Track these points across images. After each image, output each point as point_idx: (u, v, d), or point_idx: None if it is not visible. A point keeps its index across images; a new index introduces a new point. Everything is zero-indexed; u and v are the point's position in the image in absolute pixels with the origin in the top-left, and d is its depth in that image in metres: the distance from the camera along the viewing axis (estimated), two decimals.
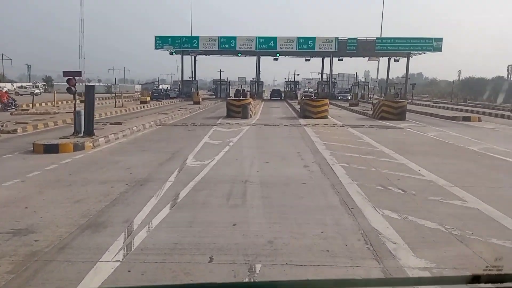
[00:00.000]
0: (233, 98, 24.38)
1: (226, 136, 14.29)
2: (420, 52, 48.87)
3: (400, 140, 14.13)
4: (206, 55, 56.21)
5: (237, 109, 22.07)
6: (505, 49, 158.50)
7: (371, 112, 24.17)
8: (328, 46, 48.03)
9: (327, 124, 18.87)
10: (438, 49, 47.55)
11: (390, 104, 22.61)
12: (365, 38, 48.38)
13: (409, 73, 53.01)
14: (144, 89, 57.23)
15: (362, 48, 48.40)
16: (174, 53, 50.29)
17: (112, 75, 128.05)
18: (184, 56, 52.94)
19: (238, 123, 18.88)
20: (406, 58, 50.74)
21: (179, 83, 55.31)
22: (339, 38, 48.00)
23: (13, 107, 23.72)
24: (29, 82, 71.91)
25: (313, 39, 47.93)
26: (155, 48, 48.73)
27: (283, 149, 11.66)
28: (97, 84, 73.13)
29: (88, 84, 35.89)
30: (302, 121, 20.81)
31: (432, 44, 47.37)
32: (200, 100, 35.87)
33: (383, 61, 61.79)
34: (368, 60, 58.38)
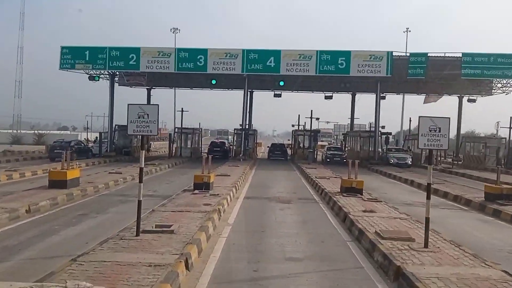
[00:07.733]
0: None
1: None
2: None
3: None
4: (159, 86, 34.50)
5: None
6: None
7: None
8: (374, 67, 26.28)
9: None
10: None
11: None
12: (443, 55, 26.64)
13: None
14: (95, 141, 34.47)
15: (435, 73, 26.64)
16: (97, 78, 28.33)
17: (91, 121, 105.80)
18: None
19: None
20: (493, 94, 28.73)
21: (117, 129, 31.50)
22: (393, 54, 26.39)
23: None
24: None
25: (347, 54, 26.28)
26: (60, 68, 26.89)
27: None
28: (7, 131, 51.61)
29: None
30: None
31: None
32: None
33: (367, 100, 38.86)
34: (424, 102, 35.57)
